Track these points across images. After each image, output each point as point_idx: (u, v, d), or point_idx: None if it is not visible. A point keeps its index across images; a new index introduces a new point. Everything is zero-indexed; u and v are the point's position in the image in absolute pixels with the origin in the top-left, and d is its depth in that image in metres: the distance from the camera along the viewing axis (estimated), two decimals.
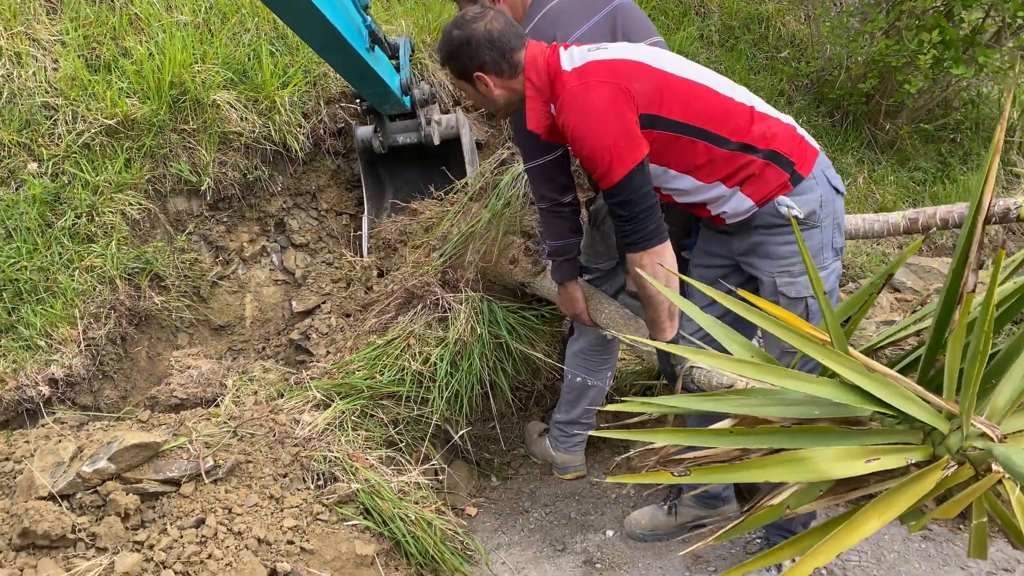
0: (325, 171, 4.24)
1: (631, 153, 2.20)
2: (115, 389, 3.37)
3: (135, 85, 3.73)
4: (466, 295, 3.08)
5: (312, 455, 2.44)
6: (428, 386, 2.87)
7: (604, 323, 2.75)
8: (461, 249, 3.23)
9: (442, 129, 4.01)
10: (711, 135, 2.31)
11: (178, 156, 3.73)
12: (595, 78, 2.22)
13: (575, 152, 2.31)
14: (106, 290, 3.40)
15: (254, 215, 4.06)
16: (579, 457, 3.29)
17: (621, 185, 2.22)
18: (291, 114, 3.96)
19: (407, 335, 2.99)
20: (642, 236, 2.27)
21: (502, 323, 3.03)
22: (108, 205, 3.55)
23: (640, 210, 2.25)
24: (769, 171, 2.36)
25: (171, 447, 2.26)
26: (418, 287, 3.16)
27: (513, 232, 3.13)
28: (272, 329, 3.97)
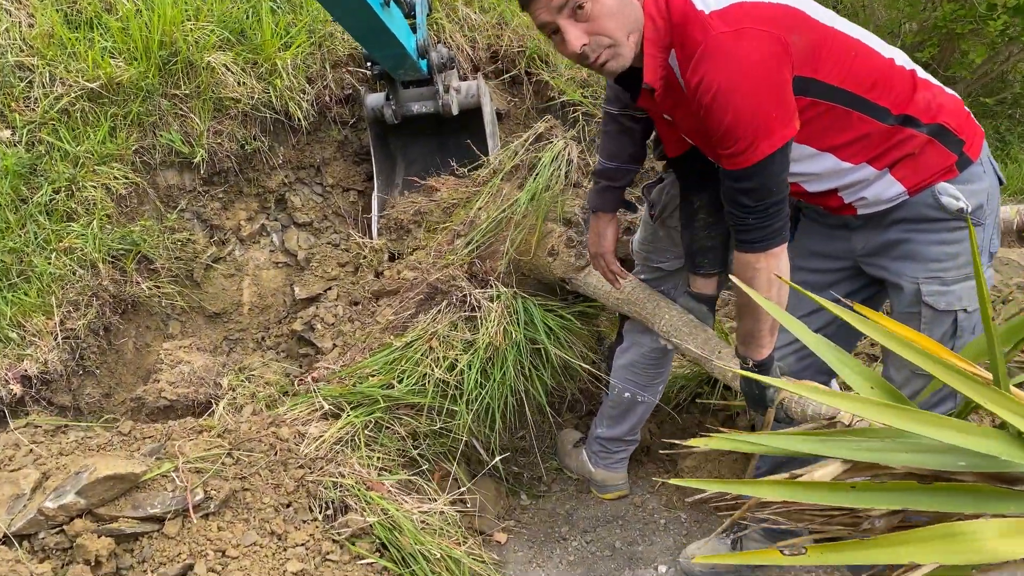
0: (331, 142, 3.86)
1: (782, 128, 1.74)
2: (97, 386, 3.02)
3: (120, 44, 3.34)
4: (497, 291, 2.70)
5: (320, 480, 2.09)
6: (454, 396, 2.51)
7: (664, 331, 2.38)
8: (491, 237, 2.84)
9: (461, 97, 3.62)
10: (870, 105, 1.86)
11: (168, 124, 3.35)
12: (749, 24, 1.71)
13: (709, 118, 1.77)
14: (87, 274, 3.04)
15: (252, 190, 3.68)
16: (621, 475, 2.95)
17: (759, 167, 1.76)
18: (294, 79, 3.57)
19: (429, 336, 2.62)
20: (767, 234, 1.84)
21: (539, 325, 2.65)
22: (90, 178, 3.18)
23: (773, 202, 1.81)
24: (932, 151, 1.91)
25: (153, 476, 1.92)
26: (442, 281, 2.77)
27: (553, 219, 2.74)
28: (272, 317, 3.62)
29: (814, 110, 1.86)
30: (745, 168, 1.77)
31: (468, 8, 3.99)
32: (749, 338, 1.99)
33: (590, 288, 2.65)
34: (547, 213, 2.71)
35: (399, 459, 2.48)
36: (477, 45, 4.00)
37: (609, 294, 2.59)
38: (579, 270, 2.66)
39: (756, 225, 1.83)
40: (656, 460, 3.07)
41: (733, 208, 1.86)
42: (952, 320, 1.98)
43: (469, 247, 2.84)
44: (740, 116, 1.71)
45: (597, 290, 2.62)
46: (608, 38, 1.79)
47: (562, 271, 2.68)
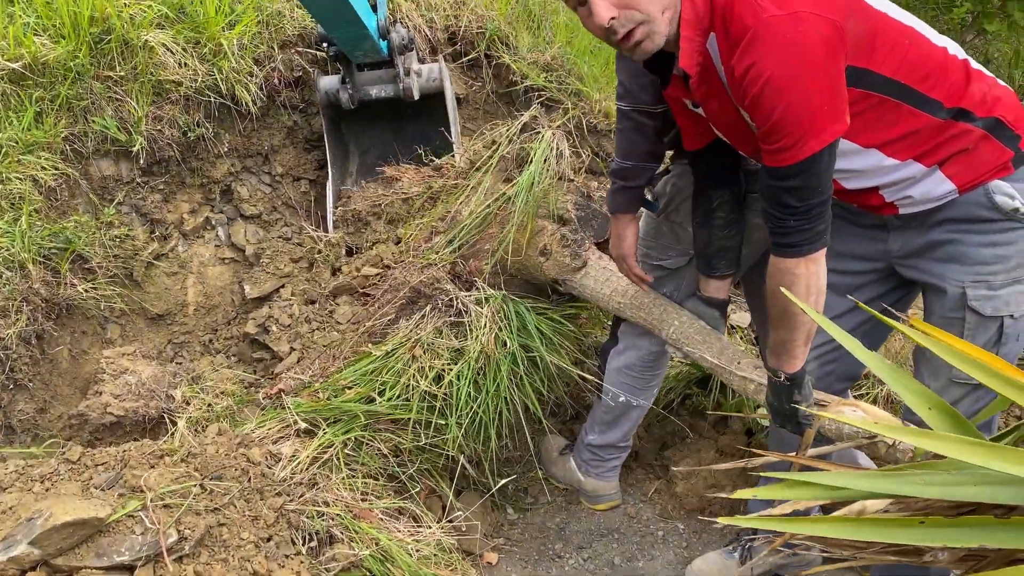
0: (280, 128, 3.60)
1: (832, 123, 1.60)
2: (31, 401, 2.73)
3: (46, 20, 3.03)
4: (485, 294, 2.50)
5: (302, 509, 1.89)
6: (442, 409, 2.32)
7: (673, 338, 2.23)
8: (476, 235, 2.64)
9: (422, 81, 3.41)
10: (923, 97, 1.73)
11: (102, 109, 3.05)
12: (806, 8, 1.55)
13: (756, 110, 1.62)
14: (15, 277, 2.74)
15: (196, 181, 3.40)
16: (613, 484, 2.81)
17: (806, 165, 1.61)
18: (240, 60, 3.29)
19: (412, 344, 2.41)
20: (809, 237, 1.70)
21: (533, 330, 2.47)
22: (15, 170, 2.87)
23: (818, 202, 1.67)
24: (986, 146, 1.79)
25: (119, 516, 1.69)
26: (425, 283, 2.56)
27: (544, 216, 2.55)
28: (220, 318, 3.36)
29: (865, 103, 1.72)
30: (791, 165, 1.62)
31: None
32: (781, 349, 1.85)
33: (587, 291, 2.48)
34: (537, 210, 2.53)
35: (382, 478, 2.29)
36: (435, 26, 3.78)
37: (610, 298, 2.43)
38: (575, 271, 2.49)
39: (797, 227, 1.69)
40: (646, 466, 2.95)
41: (774, 208, 1.72)
42: (998, 326, 1.87)
43: (452, 245, 2.64)
44: (791, 109, 1.56)
45: (596, 293, 2.46)
46: (640, 12, 1.61)
47: (556, 272, 2.51)
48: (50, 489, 1.92)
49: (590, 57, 4.05)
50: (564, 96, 3.83)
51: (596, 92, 3.90)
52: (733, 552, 2.48)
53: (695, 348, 2.15)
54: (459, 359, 2.38)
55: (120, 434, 2.60)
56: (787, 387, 1.86)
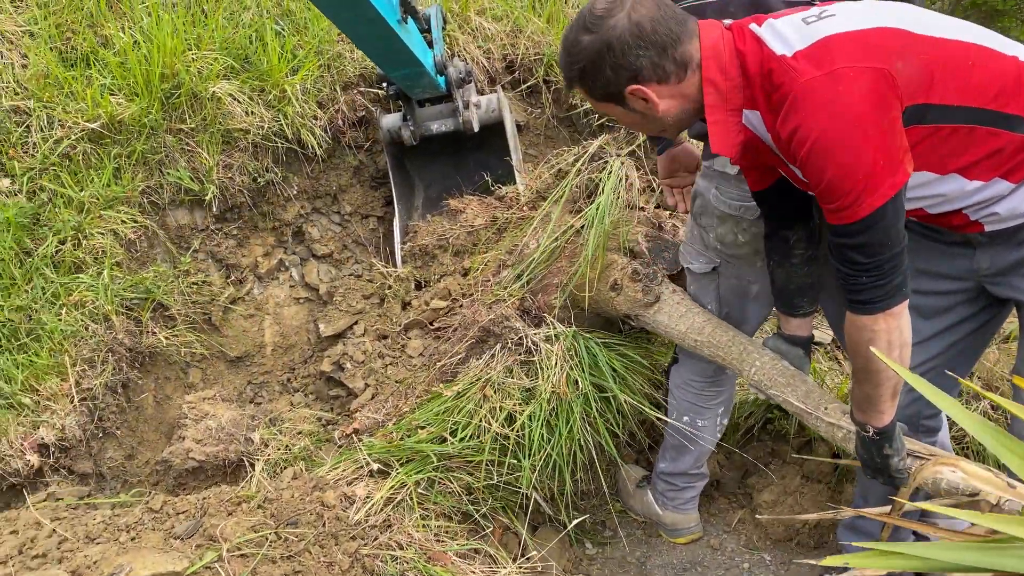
0: (346, 168, 3.66)
1: (891, 176, 1.53)
2: (119, 448, 2.82)
3: (119, 80, 3.15)
4: (555, 331, 2.47)
5: (376, 553, 1.89)
6: (514, 451, 2.29)
7: (755, 380, 2.14)
8: (544, 269, 2.61)
9: (481, 112, 3.43)
10: (998, 116, 1.63)
11: (175, 161, 3.16)
12: (845, 63, 1.51)
13: (807, 173, 1.59)
14: (100, 329, 2.85)
15: (268, 224, 3.48)
16: (693, 516, 2.73)
17: (869, 222, 1.55)
18: (304, 104, 3.37)
19: (482, 384, 2.39)
20: (884, 293, 1.61)
21: (605, 368, 2.42)
22: (97, 225, 2.99)
23: (889, 256, 1.59)
24: None
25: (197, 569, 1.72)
26: (495, 322, 2.53)
27: (614, 250, 2.50)
28: (297, 357, 3.42)
29: (936, 136, 1.64)
30: (852, 223, 1.56)
31: (481, 18, 3.79)
32: (867, 404, 1.76)
33: (661, 327, 2.41)
34: (607, 242, 2.48)
35: (455, 517, 2.27)
36: (492, 56, 3.80)
37: (685, 335, 2.35)
38: (647, 306, 2.41)
39: (870, 284, 1.61)
40: (728, 495, 2.86)
41: (842, 265, 1.64)
42: None
43: (520, 281, 2.61)
44: (842, 170, 1.52)
45: (670, 329, 2.38)
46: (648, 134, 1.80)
47: (628, 307, 2.45)
48: (135, 539, 1.98)
49: None
50: None
51: None
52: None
53: (779, 391, 2.05)
54: (530, 399, 2.34)
55: (202, 478, 2.67)
56: (876, 441, 1.77)
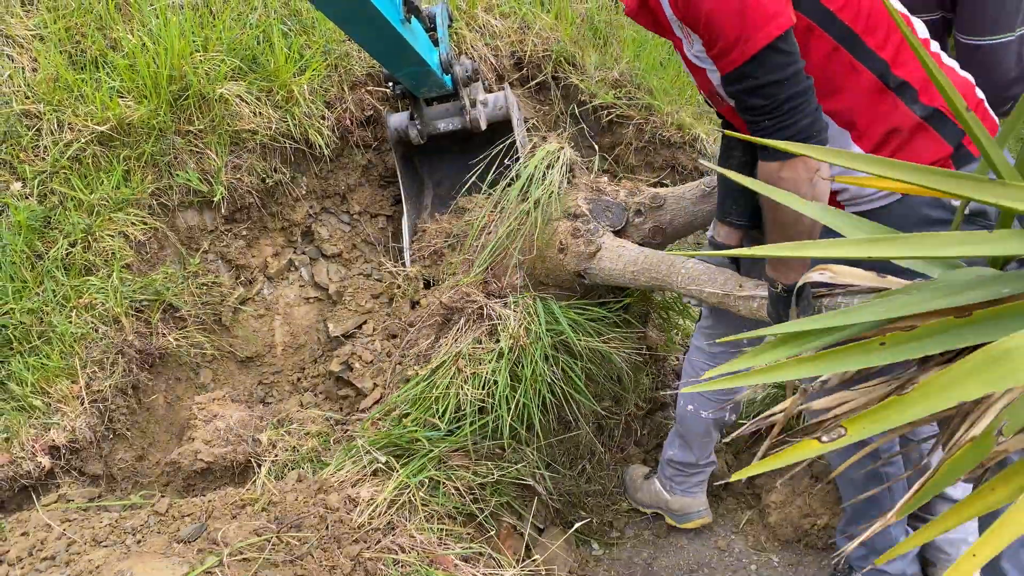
0: (355, 167, 3.67)
1: (774, 17, 1.52)
2: (130, 449, 2.85)
3: (128, 83, 3.17)
4: (514, 298, 2.55)
5: (379, 556, 1.89)
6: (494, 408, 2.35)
7: (682, 286, 2.19)
8: (501, 255, 2.71)
9: (489, 110, 3.42)
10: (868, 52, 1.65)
11: (184, 163, 3.17)
12: None
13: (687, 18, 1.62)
14: (111, 330, 2.87)
15: (277, 225, 3.50)
16: (701, 499, 2.71)
17: (758, 61, 1.55)
18: (312, 105, 3.37)
19: (455, 358, 2.46)
20: (789, 136, 1.58)
21: (562, 319, 2.48)
22: (106, 227, 3.01)
23: (787, 96, 1.56)
24: (922, 136, 1.69)
25: (197, 574, 1.73)
26: (456, 299, 2.64)
27: (556, 218, 2.62)
28: (307, 356, 3.43)
29: (799, 28, 1.62)
30: (741, 66, 1.56)
31: (488, 15, 3.78)
32: (778, 261, 1.74)
33: (605, 273, 2.51)
34: (550, 214, 2.59)
35: (460, 517, 2.27)
36: (500, 52, 3.79)
37: (624, 271, 2.45)
38: (591, 257, 2.54)
39: (773, 127, 1.58)
40: (736, 495, 2.84)
41: (746, 114, 1.63)
42: None
43: (480, 267, 2.71)
44: (718, 6, 1.52)
45: (612, 271, 2.49)
46: None
47: (575, 263, 2.55)
48: (140, 542, 1.99)
49: (659, 70, 3.97)
50: (634, 111, 3.77)
51: (667, 105, 3.82)
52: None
53: (702, 286, 2.10)
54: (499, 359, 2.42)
55: (211, 479, 2.68)
56: (784, 299, 1.75)
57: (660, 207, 2.68)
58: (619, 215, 2.70)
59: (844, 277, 1.47)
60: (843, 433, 1.03)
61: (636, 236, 2.78)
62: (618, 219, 2.69)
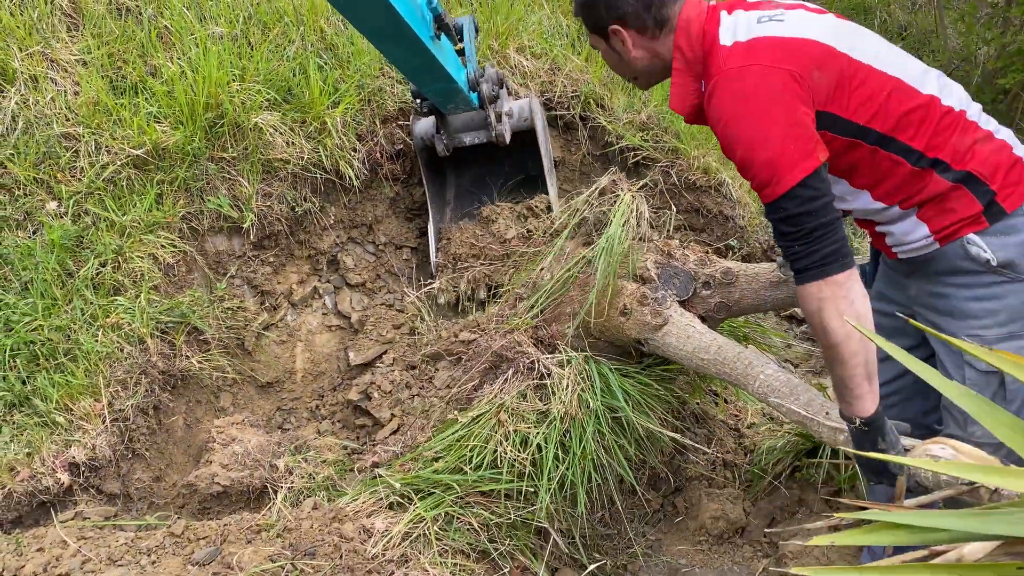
0: (382, 199, 3.71)
1: (803, 160, 1.69)
2: (147, 470, 2.86)
3: (166, 109, 3.24)
4: (567, 356, 2.50)
5: None
6: (531, 474, 2.30)
7: (759, 392, 2.13)
8: (556, 299, 2.65)
9: (514, 122, 3.45)
10: (900, 145, 1.82)
11: (216, 189, 3.23)
12: (763, 61, 1.72)
13: (725, 151, 1.82)
14: (135, 351, 2.90)
15: (304, 253, 3.54)
16: None
17: (787, 199, 1.70)
18: (344, 137, 3.43)
19: (497, 410, 2.41)
20: (817, 260, 1.70)
21: (617, 390, 2.43)
22: (137, 249, 3.06)
23: (816, 226, 1.70)
24: (958, 196, 1.83)
25: None
26: (507, 347, 2.57)
27: (623, 277, 2.55)
28: (327, 384, 3.45)
29: (853, 151, 1.84)
30: (773, 201, 1.73)
31: (520, 55, 3.84)
32: (843, 389, 1.76)
33: (670, 349, 2.42)
34: (617, 271, 2.52)
35: (473, 555, 2.26)
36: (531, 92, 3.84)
37: (692, 355, 2.36)
38: (656, 329, 2.43)
39: (803, 252, 1.71)
40: (753, 543, 2.80)
41: (778, 240, 1.79)
42: (998, 382, 1.87)
43: (533, 310, 2.65)
44: (750, 150, 1.72)
45: (678, 351, 2.39)
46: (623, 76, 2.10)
47: (637, 331, 2.46)
48: (156, 563, 2.00)
49: None
50: (661, 154, 3.80)
51: (694, 149, 3.85)
52: None
53: (782, 400, 2.04)
54: (544, 422, 2.36)
55: (226, 503, 2.69)
56: (866, 433, 1.75)
57: (731, 284, 2.61)
58: (687, 285, 2.61)
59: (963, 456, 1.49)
60: None
61: (701, 308, 2.67)
62: (685, 289, 2.61)
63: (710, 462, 3.02)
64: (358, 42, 3.64)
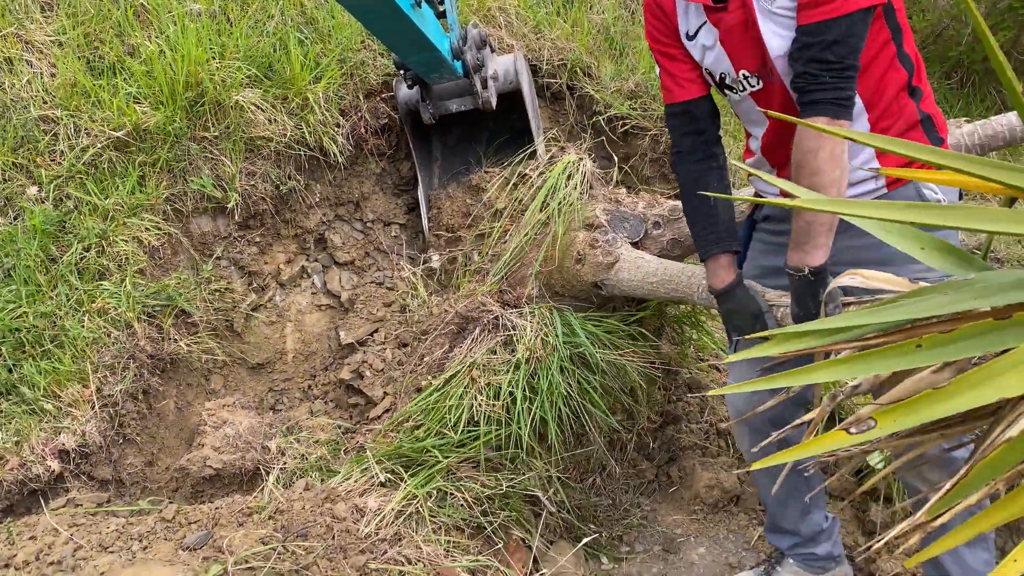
0: (368, 176, 3.67)
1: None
2: (139, 455, 2.84)
3: (145, 89, 3.18)
4: (530, 308, 2.54)
5: (384, 568, 1.88)
6: (507, 421, 2.33)
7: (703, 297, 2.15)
8: (517, 264, 2.69)
9: (500, 84, 3.40)
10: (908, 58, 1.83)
11: (199, 169, 3.18)
12: None
13: None
14: (122, 335, 2.87)
15: (290, 232, 3.50)
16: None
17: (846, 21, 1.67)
18: (327, 113, 3.38)
19: (468, 368, 2.44)
20: (841, 98, 1.70)
21: (579, 330, 2.46)
22: (121, 232, 3.01)
23: (852, 64, 1.70)
24: (915, 135, 1.86)
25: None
26: (471, 308, 2.62)
27: (575, 228, 2.61)
28: (318, 364, 3.42)
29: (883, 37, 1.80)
30: (831, 19, 1.68)
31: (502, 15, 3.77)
32: (805, 237, 1.76)
33: (624, 284, 2.47)
34: (569, 225, 2.57)
35: (467, 530, 2.25)
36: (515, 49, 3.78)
37: (643, 282, 2.42)
38: (609, 268, 2.50)
39: (832, 85, 1.69)
40: (748, 511, 2.80)
41: (810, 67, 1.73)
42: None
43: (498, 276, 2.69)
44: None
45: (630, 283, 2.46)
46: None
47: (593, 274, 2.52)
48: (147, 548, 1.98)
49: None
50: (649, 123, 3.75)
51: None
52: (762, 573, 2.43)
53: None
54: (513, 370, 2.40)
55: (219, 486, 2.68)
56: (811, 283, 1.76)
57: (679, 219, 2.66)
58: (637, 227, 2.69)
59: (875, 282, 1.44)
60: (872, 425, 1.00)
61: (655, 248, 2.76)
62: (636, 231, 2.68)
63: (703, 431, 3.01)
64: (339, 15, 3.57)
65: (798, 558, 2.37)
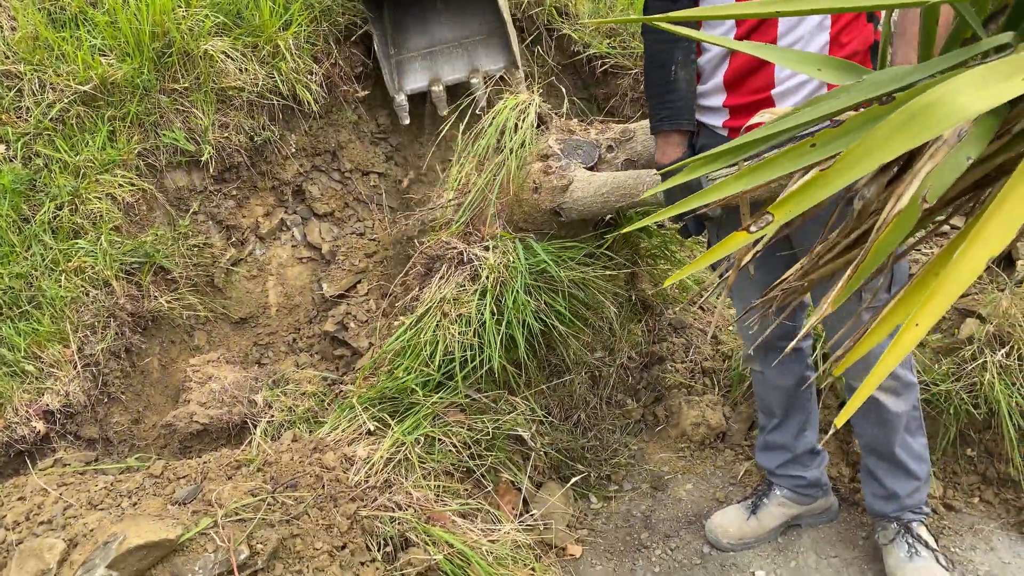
0: (345, 124, 3.60)
1: None
2: (125, 412, 2.83)
3: (110, 40, 3.09)
4: (493, 243, 2.56)
5: (375, 514, 1.88)
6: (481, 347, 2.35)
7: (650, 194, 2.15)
8: (480, 201, 2.69)
9: None
10: None
11: (171, 122, 3.11)
12: None
13: None
14: (101, 294, 2.83)
15: (267, 184, 3.44)
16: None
17: None
18: (298, 60, 3.30)
19: (439, 304, 2.45)
20: None
21: (541, 252, 2.47)
22: (94, 189, 2.96)
23: None
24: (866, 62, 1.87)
25: (192, 535, 1.72)
26: (436, 248, 2.63)
27: (529, 162, 2.61)
28: (302, 316, 3.40)
29: None
30: None
31: None
32: None
33: (579, 203, 2.48)
34: (523, 160, 2.56)
35: (457, 474, 2.26)
36: None
37: (596, 195, 2.42)
38: (564, 191, 2.50)
39: None
40: (734, 446, 2.82)
41: None
42: None
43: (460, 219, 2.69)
44: None
45: (585, 200, 2.47)
46: None
47: (550, 201, 2.52)
48: (136, 504, 1.98)
49: None
50: (630, 62, 3.69)
51: None
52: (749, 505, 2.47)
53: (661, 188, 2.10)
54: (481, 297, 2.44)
55: (207, 441, 2.67)
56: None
57: (631, 139, 2.65)
58: (591, 152, 2.68)
59: None
60: (771, 219, 1.02)
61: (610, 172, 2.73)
62: (590, 156, 2.68)
63: (688, 370, 3.02)
64: None
65: (786, 483, 2.40)
